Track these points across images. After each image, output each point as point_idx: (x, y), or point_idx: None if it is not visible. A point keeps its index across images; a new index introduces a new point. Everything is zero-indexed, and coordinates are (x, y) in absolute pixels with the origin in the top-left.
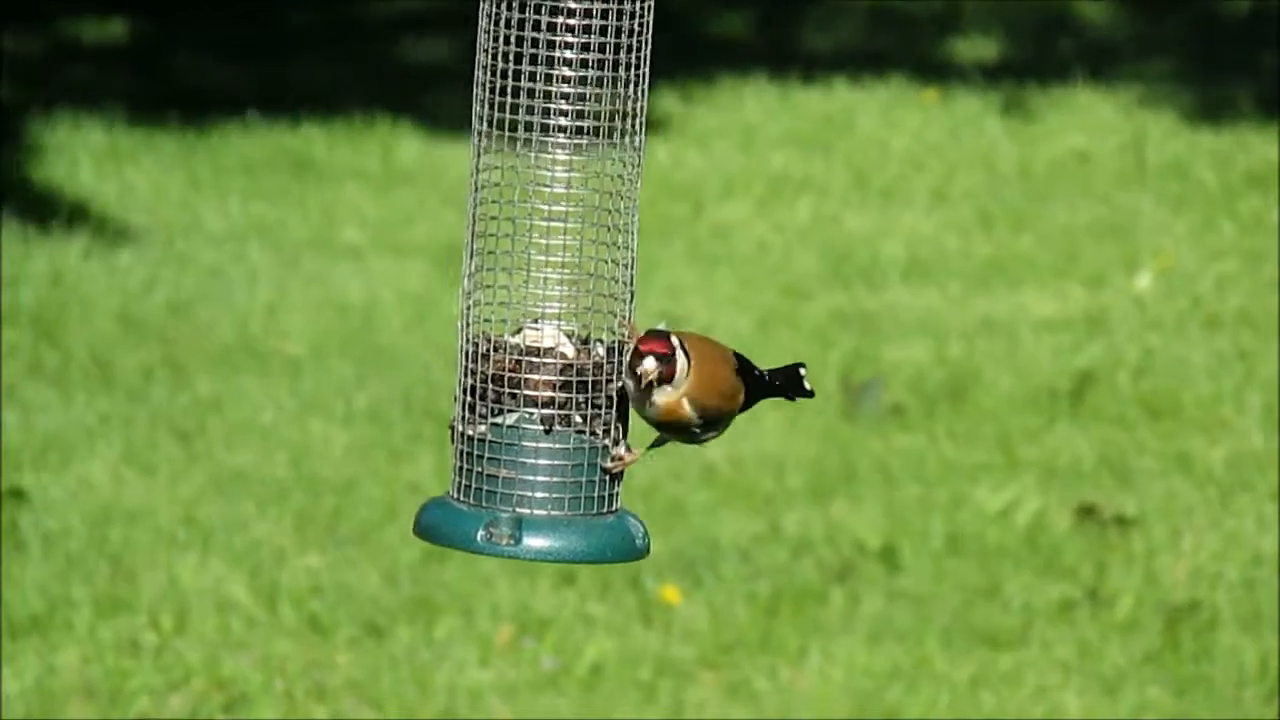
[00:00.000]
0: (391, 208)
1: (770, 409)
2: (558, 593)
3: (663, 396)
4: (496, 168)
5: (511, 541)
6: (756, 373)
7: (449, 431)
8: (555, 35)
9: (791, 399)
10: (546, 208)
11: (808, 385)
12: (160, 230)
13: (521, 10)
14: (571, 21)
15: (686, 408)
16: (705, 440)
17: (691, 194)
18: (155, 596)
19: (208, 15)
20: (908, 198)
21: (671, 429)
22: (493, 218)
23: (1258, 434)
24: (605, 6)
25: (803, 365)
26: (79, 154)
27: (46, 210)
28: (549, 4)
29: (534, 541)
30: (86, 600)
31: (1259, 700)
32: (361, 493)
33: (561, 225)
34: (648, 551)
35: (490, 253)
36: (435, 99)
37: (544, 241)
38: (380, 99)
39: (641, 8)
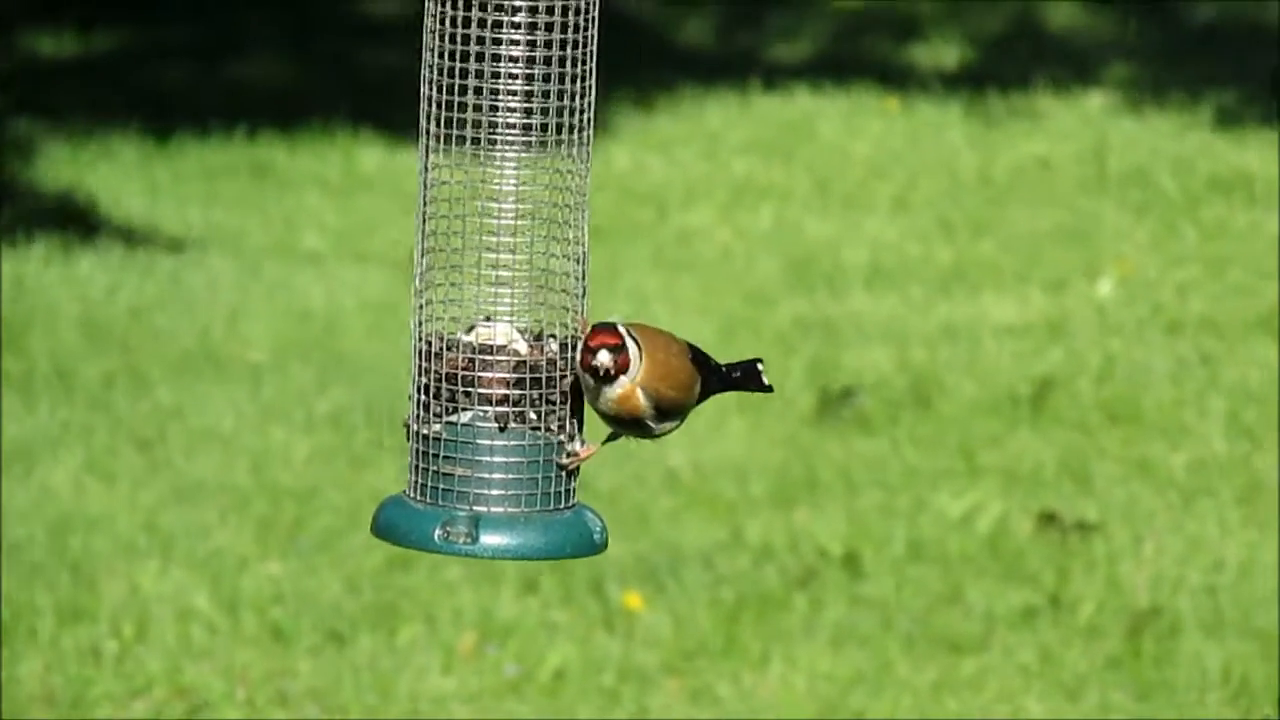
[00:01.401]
0: (352, 215)
1: (734, 416)
2: (520, 600)
3: (617, 388)
4: (445, 166)
5: (469, 540)
6: (713, 365)
7: (404, 430)
8: (501, 34)
9: (751, 391)
10: (497, 205)
11: (766, 380)
12: (121, 238)
13: (466, 9)
14: (517, 19)
15: (640, 398)
16: (660, 434)
17: (655, 200)
18: (117, 604)
19: (168, 23)
20: (870, 204)
21: (626, 422)
22: (442, 216)
23: (1219, 439)
24: (550, 3)
25: (760, 360)
26: (39, 162)
27: (7, 218)
28: (493, 4)
29: (491, 539)
30: (48, 608)
31: (1221, 705)
32: (323, 500)
33: (512, 224)
34: (605, 546)
35: (441, 251)
36: (396, 106)
37: (495, 239)
38: (341, 106)
39: (587, 4)
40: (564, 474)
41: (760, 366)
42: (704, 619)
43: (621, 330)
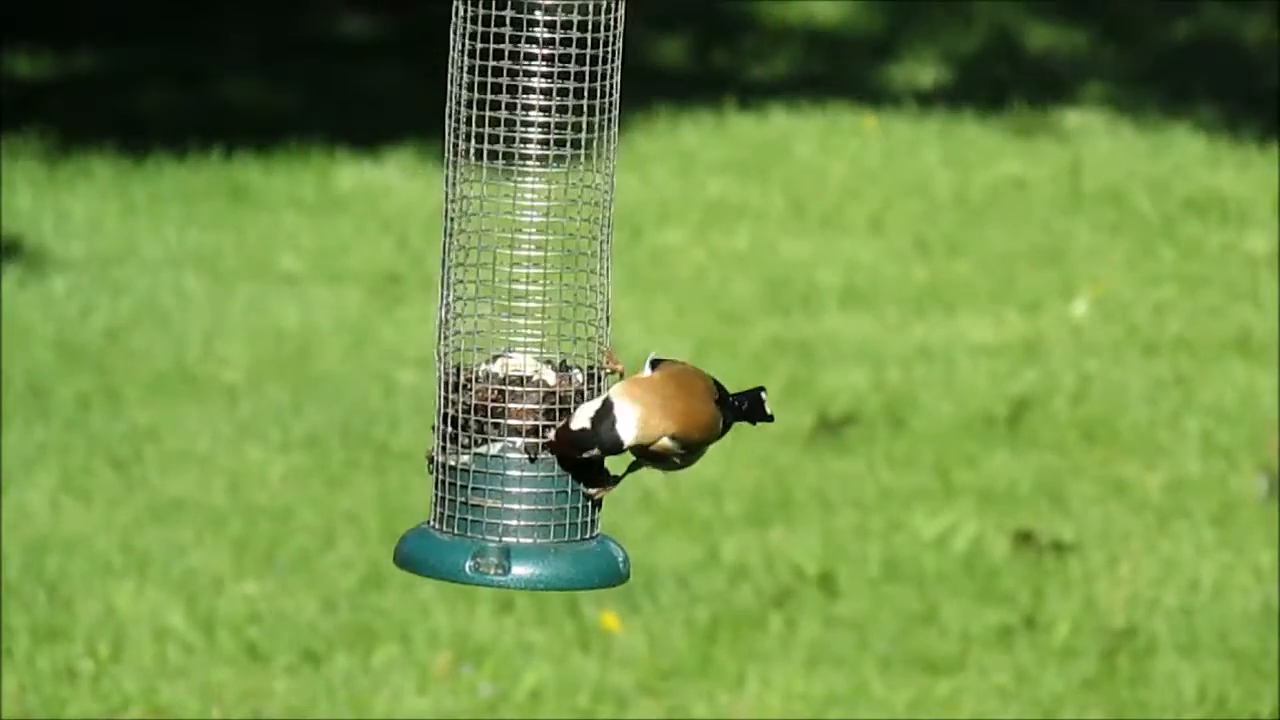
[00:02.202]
0: (328, 235)
1: None
2: (496, 620)
3: (646, 437)
4: (470, 198)
5: (500, 571)
6: (729, 400)
7: (427, 462)
8: (521, 64)
9: (754, 423)
10: (526, 236)
11: (769, 409)
12: (96, 258)
13: (490, 41)
14: (537, 50)
15: (669, 444)
16: (682, 468)
17: (629, 220)
18: (92, 624)
19: (145, 45)
20: (845, 224)
21: (653, 460)
22: (470, 248)
23: (1195, 460)
24: (574, 35)
25: (763, 389)
26: (15, 182)
27: None
28: (519, 34)
29: (523, 570)
30: (23, 628)
31: None
32: (299, 520)
33: (541, 254)
34: (629, 575)
35: (463, 282)
36: (372, 126)
37: (523, 270)
38: (317, 127)
39: (611, 34)
40: (589, 504)
41: (764, 395)
42: (679, 639)
43: (583, 418)
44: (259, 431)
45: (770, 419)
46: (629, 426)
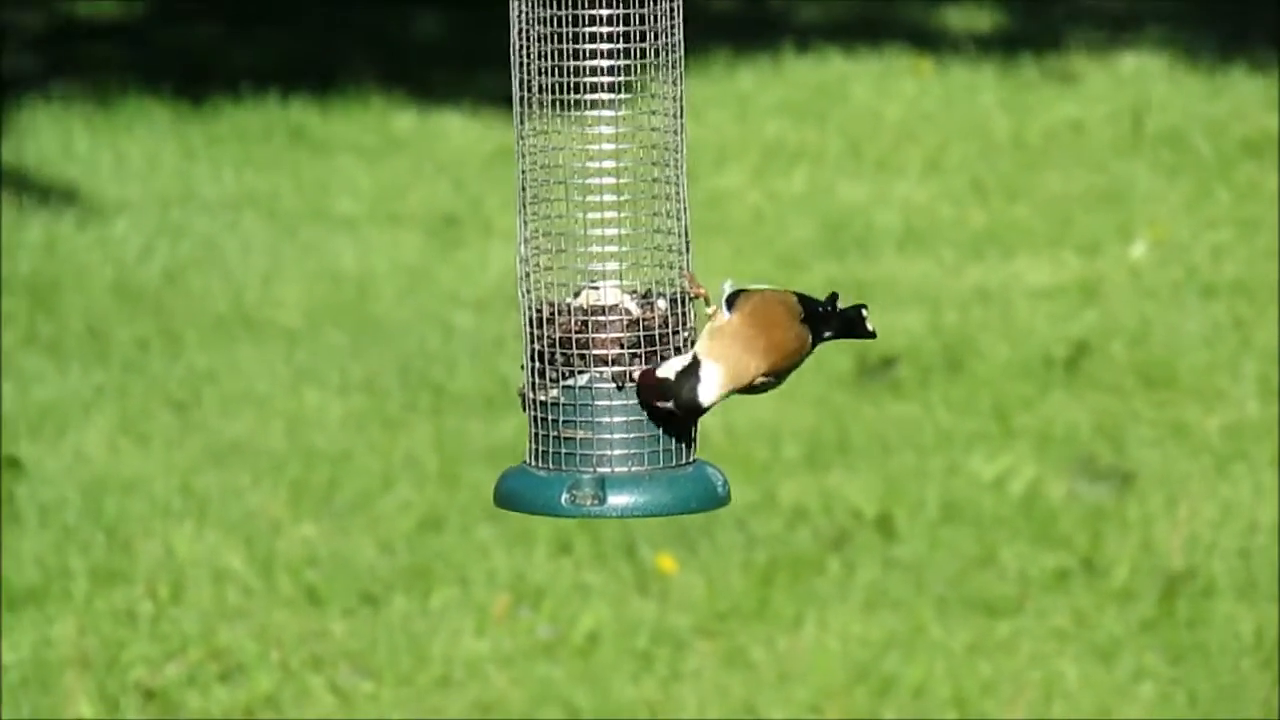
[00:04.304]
0: (386, 178)
1: None
2: (553, 561)
3: (735, 385)
4: (541, 133)
5: (596, 501)
6: (821, 312)
7: (519, 400)
8: (584, 8)
9: (856, 339)
10: (596, 165)
11: (870, 326)
12: (155, 200)
13: None
14: None
15: (761, 379)
16: (771, 389)
17: (687, 163)
18: (151, 566)
19: None
20: (902, 167)
21: (745, 392)
22: (543, 182)
23: (1253, 403)
24: None
25: (865, 306)
26: (74, 124)
27: (41, 180)
28: None
29: (618, 499)
30: (83, 571)
31: (1255, 668)
32: (357, 462)
33: (614, 182)
34: (729, 499)
35: (546, 218)
36: (429, 69)
37: (597, 200)
38: (375, 69)
39: None
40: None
41: (865, 313)
42: (737, 581)
43: (670, 371)
44: (317, 374)
45: (872, 335)
46: (711, 388)
